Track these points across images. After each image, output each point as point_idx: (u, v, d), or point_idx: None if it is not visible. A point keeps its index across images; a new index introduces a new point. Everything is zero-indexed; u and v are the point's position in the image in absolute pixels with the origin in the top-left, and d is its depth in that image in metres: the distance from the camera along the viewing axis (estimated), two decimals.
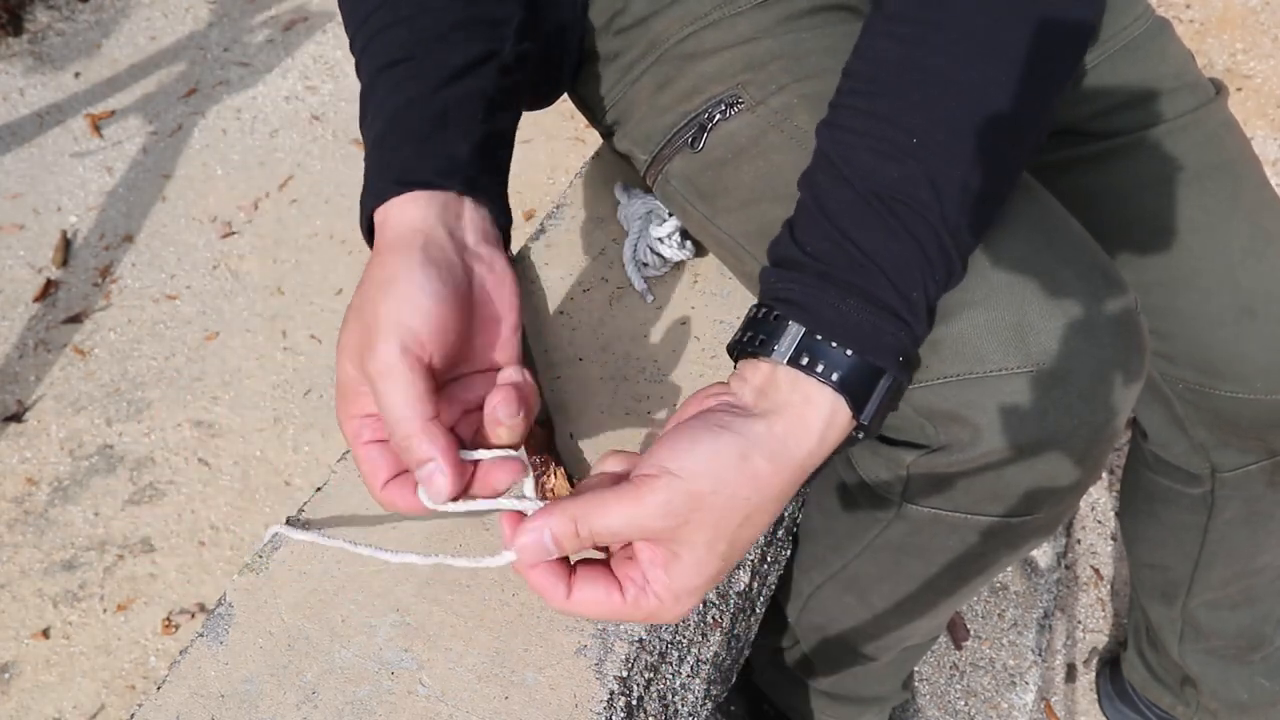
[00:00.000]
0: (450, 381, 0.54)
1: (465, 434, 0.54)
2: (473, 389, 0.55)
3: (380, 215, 0.54)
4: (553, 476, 0.66)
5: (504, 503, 0.51)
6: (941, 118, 0.51)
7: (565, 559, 0.51)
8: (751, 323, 0.51)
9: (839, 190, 0.51)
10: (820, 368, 0.48)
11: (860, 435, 0.51)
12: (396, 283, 0.50)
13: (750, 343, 0.50)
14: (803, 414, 0.48)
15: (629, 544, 0.50)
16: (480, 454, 0.52)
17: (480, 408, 0.54)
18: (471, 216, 0.55)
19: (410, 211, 0.53)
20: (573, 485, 0.66)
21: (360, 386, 0.52)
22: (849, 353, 0.48)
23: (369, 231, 0.56)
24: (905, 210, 0.49)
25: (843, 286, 0.49)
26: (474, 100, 0.57)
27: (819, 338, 0.48)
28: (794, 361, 0.48)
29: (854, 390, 0.48)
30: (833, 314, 0.49)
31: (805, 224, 0.52)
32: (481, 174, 0.56)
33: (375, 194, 0.55)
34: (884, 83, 0.52)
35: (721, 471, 0.46)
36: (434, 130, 0.56)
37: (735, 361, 0.53)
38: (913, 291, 0.49)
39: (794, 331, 0.49)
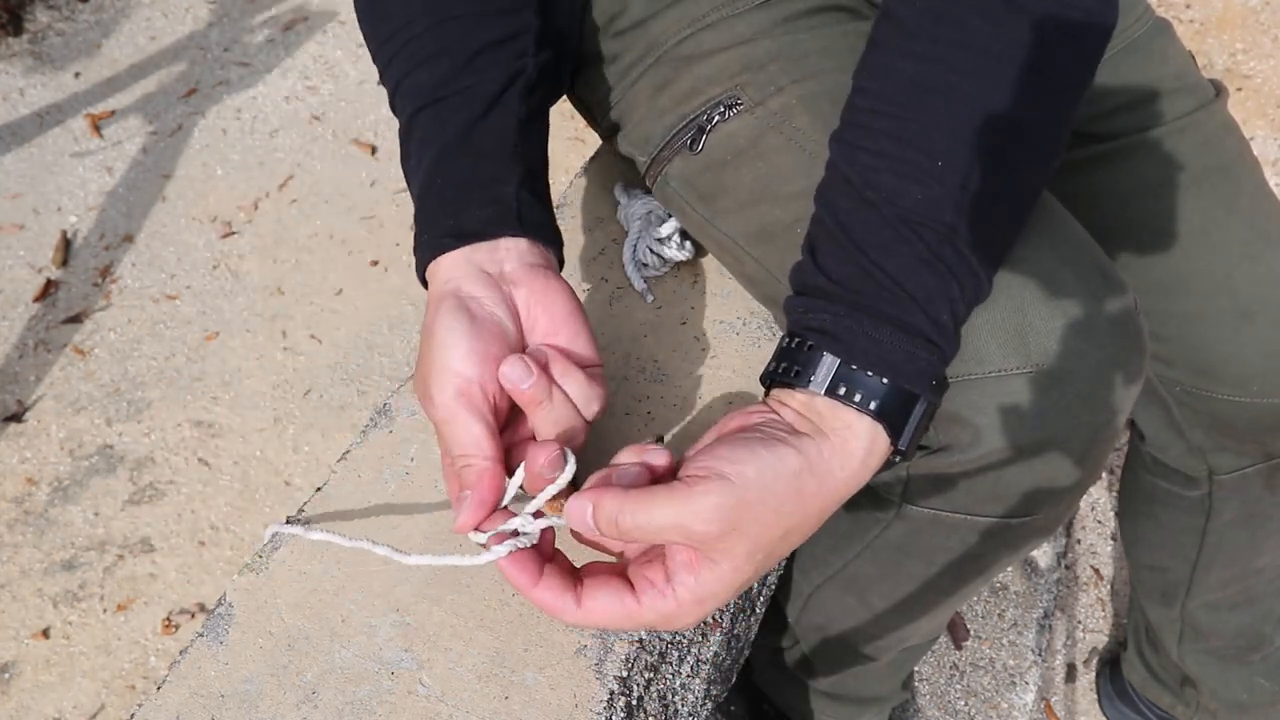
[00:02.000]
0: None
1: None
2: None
3: (431, 269, 0.58)
4: None
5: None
6: (963, 138, 0.50)
7: (571, 574, 0.51)
8: (784, 353, 0.51)
9: (863, 213, 0.51)
10: (858, 397, 0.48)
11: (897, 460, 0.51)
12: (434, 333, 0.54)
13: (785, 374, 0.50)
14: (845, 440, 0.48)
15: (650, 547, 0.50)
16: (536, 503, 0.54)
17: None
18: (509, 246, 0.58)
19: (446, 262, 0.57)
20: (575, 486, 0.66)
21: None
22: (884, 381, 0.48)
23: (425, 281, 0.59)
24: (931, 234, 0.49)
25: (875, 315, 0.49)
26: (506, 134, 0.60)
27: (854, 367, 0.49)
28: (831, 392, 0.49)
29: (891, 417, 0.49)
30: (867, 343, 0.49)
31: (829, 249, 0.52)
32: (524, 208, 0.59)
33: (429, 247, 0.58)
34: (904, 103, 0.52)
35: (774, 484, 0.46)
36: (471, 179, 0.58)
37: (768, 391, 0.53)
38: (942, 315, 0.50)
39: (829, 362, 0.49)
